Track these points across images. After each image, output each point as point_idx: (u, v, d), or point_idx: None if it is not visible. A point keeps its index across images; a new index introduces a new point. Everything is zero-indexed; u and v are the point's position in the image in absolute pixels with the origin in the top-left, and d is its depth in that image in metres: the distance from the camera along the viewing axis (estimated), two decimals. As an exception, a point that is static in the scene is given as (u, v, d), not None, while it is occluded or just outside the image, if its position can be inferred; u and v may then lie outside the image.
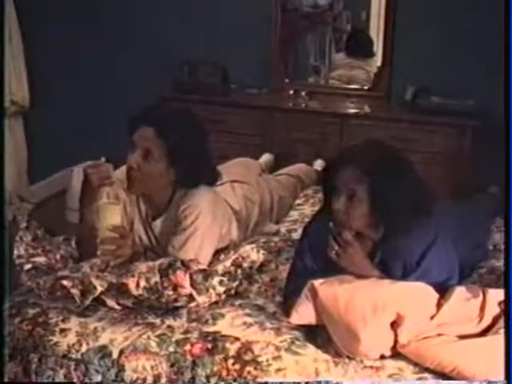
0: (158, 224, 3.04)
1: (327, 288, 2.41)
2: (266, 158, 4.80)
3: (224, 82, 5.41)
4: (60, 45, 5.52)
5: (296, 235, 3.28)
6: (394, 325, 2.34)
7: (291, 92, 5.43)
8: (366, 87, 5.49)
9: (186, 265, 2.62)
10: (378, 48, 5.37)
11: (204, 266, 2.72)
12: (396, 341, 2.34)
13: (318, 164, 4.66)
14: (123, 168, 2.99)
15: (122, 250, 2.83)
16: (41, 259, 2.89)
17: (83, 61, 5.78)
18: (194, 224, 2.89)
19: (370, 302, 2.32)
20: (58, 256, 2.96)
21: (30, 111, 5.28)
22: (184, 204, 2.92)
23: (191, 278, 2.59)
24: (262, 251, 2.91)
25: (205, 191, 2.97)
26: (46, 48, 5.35)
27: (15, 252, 2.87)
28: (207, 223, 2.93)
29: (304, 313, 2.47)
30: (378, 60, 5.40)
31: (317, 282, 2.44)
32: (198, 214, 2.89)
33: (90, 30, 5.71)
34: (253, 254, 2.85)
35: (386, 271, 2.56)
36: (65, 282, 2.60)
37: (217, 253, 3.01)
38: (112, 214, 2.79)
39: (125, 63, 5.78)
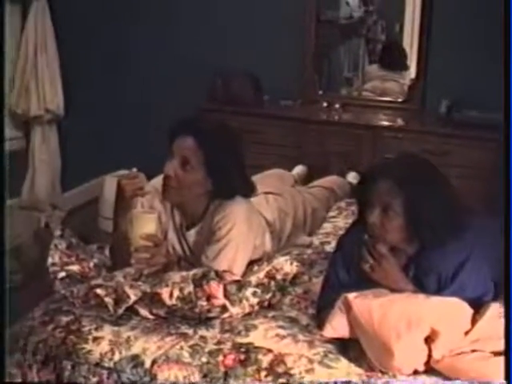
0: (192, 234, 3.06)
1: (361, 301, 2.41)
2: (299, 169, 4.79)
3: (257, 94, 5.43)
4: (95, 53, 5.57)
5: (329, 247, 3.29)
6: (428, 340, 2.33)
7: (325, 104, 5.44)
8: (399, 100, 5.49)
9: (219, 275, 2.63)
10: (412, 60, 5.37)
11: (238, 277, 2.73)
12: (430, 356, 2.33)
13: (352, 176, 4.65)
14: (159, 178, 3.01)
15: (156, 258, 2.82)
16: (74, 267, 2.89)
17: (117, 70, 5.83)
18: (229, 235, 2.89)
19: (404, 317, 2.31)
20: (91, 264, 2.97)
21: (64, 120, 5.33)
22: (219, 214, 2.93)
23: (225, 288, 2.59)
24: (295, 263, 2.91)
25: (240, 202, 2.98)
26: (81, 56, 5.40)
27: (49, 260, 2.88)
28: (242, 234, 2.93)
29: (337, 326, 2.46)
30: (411, 72, 5.40)
31: (351, 296, 2.43)
32: (233, 224, 2.90)
33: (125, 39, 5.76)
34: (286, 265, 2.85)
35: (421, 285, 2.55)
36: (98, 291, 2.62)
37: (250, 264, 3.02)
38: (146, 223, 2.78)
39: (159, 74, 5.81)
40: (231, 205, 2.94)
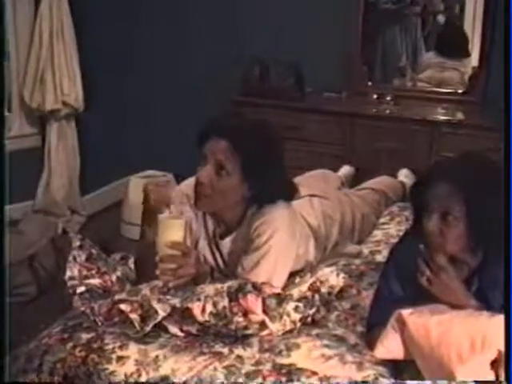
0: (226, 243, 3.06)
1: (417, 319, 2.40)
2: (345, 170, 4.78)
3: (298, 85, 5.41)
4: (119, 43, 5.61)
5: (380, 257, 3.29)
6: (495, 364, 2.31)
7: (375, 96, 5.42)
8: (459, 91, 5.45)
9: (257, 288, 2.61)
10: (474, 46, 5.32)
11: (278, 290, 2.71)
12: (498, 381, 2.31)
13: (403, 174, 4.62)
14: (189, 181, 3.01)
15: (184, 269, 2.80)
16: (95, 281, 2.92)
17: (142, 60, 5.86)
18: (269, 243, 2.89)
19: (466, 337, 2.29)
20: (113, 278, 2.99)
21: (83, 115, 5.36)
22: (258, 221, 2.93)
23: (264, 303, 2.58)
24: (342, 275, 2.90)
25: (281, 207, 2.98)
26: (104, 47, 5.44)
27: (68, 273, 2.90)
28: (283, 242, 2.93)
29: (390, 346, 2.45)
30: (473, 60, 5.36)
31: (405, 312, 2.42)
32: (274, 231, 2.90)
33: (150, 27, 5.79)
34: (332, 277, 2.84)
35: (485, 301, 2.53)
36: (123, 307, 2.62)
37: (291, 275, 3.01)
38: (172, 230, 2.77)
39: (191, 64, 5.82)
40: (271, 210, 2.94)
